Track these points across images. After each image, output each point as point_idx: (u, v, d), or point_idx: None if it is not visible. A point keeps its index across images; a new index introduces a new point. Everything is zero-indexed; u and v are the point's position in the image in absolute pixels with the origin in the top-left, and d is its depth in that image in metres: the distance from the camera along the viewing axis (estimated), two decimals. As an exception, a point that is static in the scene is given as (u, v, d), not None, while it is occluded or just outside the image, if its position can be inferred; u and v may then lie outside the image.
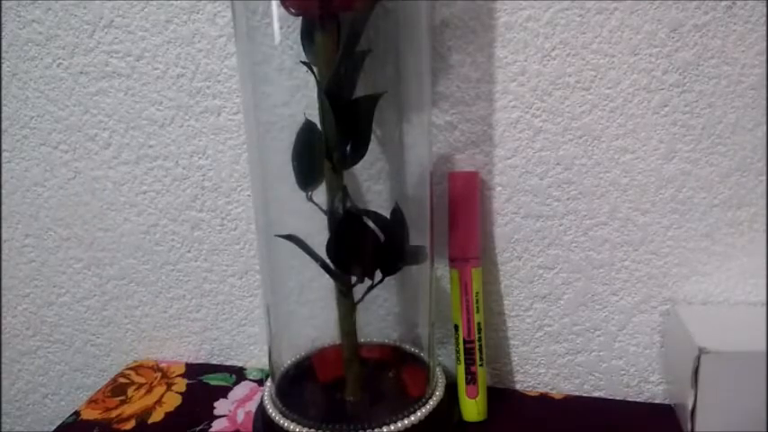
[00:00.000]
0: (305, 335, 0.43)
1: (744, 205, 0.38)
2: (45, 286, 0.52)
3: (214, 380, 0.48)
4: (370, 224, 0.34)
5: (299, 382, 0.41)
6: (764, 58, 0.35)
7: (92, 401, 0.46)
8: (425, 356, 0.41)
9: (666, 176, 0.38)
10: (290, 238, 0.36)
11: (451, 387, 0.41)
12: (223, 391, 0.46)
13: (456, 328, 0.40)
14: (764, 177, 0.37)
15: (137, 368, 0.50)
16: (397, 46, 0.35)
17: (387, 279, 0.35)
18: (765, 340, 0.35)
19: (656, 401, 0.43)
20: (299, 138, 0.35)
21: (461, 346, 0.40)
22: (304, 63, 0.34)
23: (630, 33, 0.36)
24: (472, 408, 0.40)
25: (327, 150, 0.33)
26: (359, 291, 0.36)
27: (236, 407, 0.44)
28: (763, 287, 0.39)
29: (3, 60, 0.46)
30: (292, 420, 0.36)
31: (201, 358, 0.51)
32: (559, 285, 0.42)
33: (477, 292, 0.40)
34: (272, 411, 0.37)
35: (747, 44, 0.35)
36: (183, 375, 0.49)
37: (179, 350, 0.51)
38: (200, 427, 0.42)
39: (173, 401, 0.45)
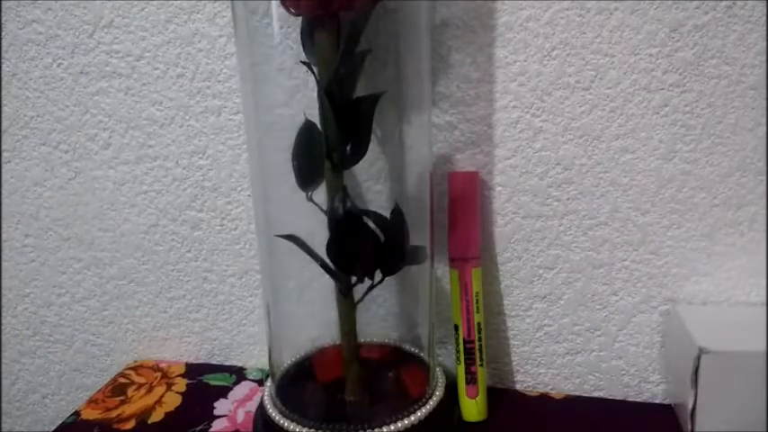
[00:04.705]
0: (305, 335, 0.43)
1: (744, 205, 0.38)
2: (45, 286, 0.52)
3: (214, 380, 0.48)
4: (370, 224, 0.34)
5: (299, 382, 0.41)
6: (764, 58, 0.35)
7: (92, 401, 0.46)
8: (425, 356, 0.41)
9: (666, 176, 0.38)
10: (290, 238, 0.36)
11: (451, 387, 0.41)
12: (223, 391, 0.46)
13: (456, 328, 0.40)
14: (764, 177, 0.37)
15: (137, 368, 0.50)
16: (397, 46, 0.35)
17: (387, 279, 0.35)
18: (765, 340, 0.35)
19: (656, 401, 0.43)
20: (299, 138, 0.35)
21: (461, 346, 0.40)
22: (304, 63, 0.34)
23: (630, 33, 0.36)
24: (472, 408, 0.40)
25: (327, 150, 0.33)
26: (359, 291, 0.36)
27: (236, 407, 0.44)
28: (763, 287, 0.39)
29: (3, 60, 0.46)
30: (292, 420, 0.36)
31: (201, 358, 0.51)
32: (559, 285, 0.42)
33: (477, 292, 0.40)
34: (272, 411, 0.37)
35: (747, 44, 0.35)
36: (183, 375, 0.49)
37: (179, 350, 0.51)
38: (200, 427, 0.42)
39: (173, 401, 0.45)
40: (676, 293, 0.40)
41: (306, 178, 0.36)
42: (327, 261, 0.34)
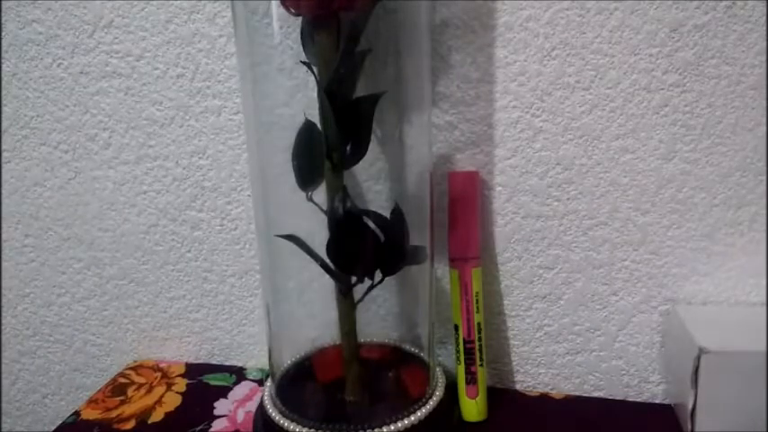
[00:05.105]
0: (305, 335, 0.43)
1: (744, 205, 0.38)
2: (45, 286, 0.52)
3: (214, 380, 0.48)
4: (370, 224, 0.34)
5: (299, 382, 0.41)
6: (764, 58, 0.35)
7: (92, 401, 0.46)
8: (425, 356, 0.41)
9: (666, 176, 0.38)
10: (290, 238, 0.36)
11: (451, 387, 0.41)
12: (223, 391, 0.46)
13: (456, 328, 0.40)
14: (764, 177, 0.37)
15: (137, 368, 0.50)
16: (397, 46, 0.35)
17: (387, 279, 0.35)
18: (765, 340, 0.35)
19: (656, 401, 0.43)
20: (299, 138, 0.35)
21: (461, 346, 0.40)
22: (304, 63, 0.34)
23: (630, 33, 0.36)
24: (472, 408, 0.40)
25: (327, 150, 0.33)
26: (359, 291, 0.36)
27: (236, 407, 0.44)
28: (763, 287, 0.39)
29: (3, 60, 0.46)
30: (292, 420, 0.36)
31: (201, 358, 0.51)
32: (559, 285, 0.42)
33: (477, 292, 0.40)
34: (272, 411, 0.37)
35: (747, 44, 0.35)
36: (183, 375, 0.49)
37: (179, 350, 0.51)
38: (200, 427, 0.42)
39: (173, 401, 0.45)
40: (676, 293, 0.40)
41: (306, 178, 0.36)
42: (327, 261, 0.34)
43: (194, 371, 0.49)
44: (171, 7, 0.42)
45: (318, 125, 0.34)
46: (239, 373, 0.49)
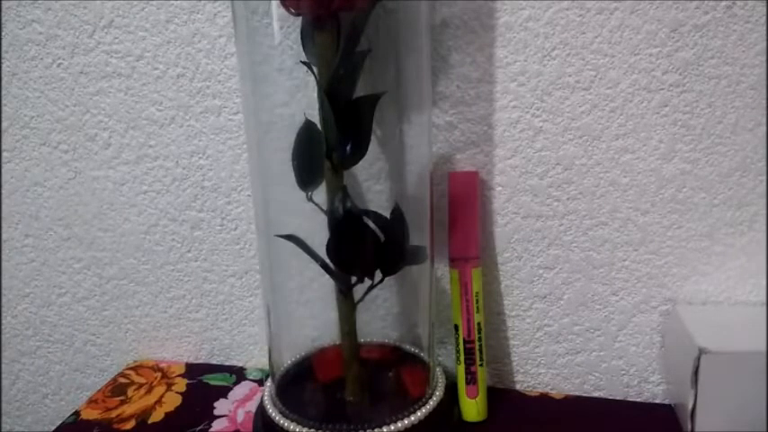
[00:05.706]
0: (305, 335, 0.43)
1: (744, 205, 0.38)
2: (45, 286, 0.52)
3: (214, 380, 0.48)
4: (371, 224, 0.34)
5: (299, 382, 0.41)
6: (764, 58, 0.35)
7: (92, 401, 0.46)
8: (425, 356, 0.41)
9: (666, 176, 0.38)
10: (290, 238, 0.36)
11: (451, 387, 0.41)
12: (223, 391, 0.46)
13: (456, 328, 0.40)
14: (764, 177, 0.37)
15: (137, 368, 0.50)
16: (397, 46, 0.35)
17: (387, 279, 0.35)
18: (765, 340, 0.35)
19: (656, 401, 0.43)
20: (299, 138, 0.35)
21: (461, 346, 0.40)
22: (304, 63, 0.34)
23: (630, 33, 0.36)
24: (472, 408, 0.40)
25: (327, 150, 0.33)
26: (359, 291, 0.36)
27: (236, 407, 0.44)
28: (763, 287, 0.39)
29: (3, 60, 0.46)
30: (292, 420, 0.36)
31: (201, 358, 0.51)
32: (559, 285, 0.42)
33: (477, 292, 0.40)
34: (272, 411, 0.37)
35: (747, 44, 0.35)
36: (183, 375, 0.49)
37: (179, 350, 0.51)
38: (200, 427, 0.42)
39: (173, 401, 0.45)
40: (676, 293, 0.40)
41: (306, 178, 0.36)
42: (327, 261, 0.34)
43: (194, 371, 0.49)
44: (171, 7, 0.42)
45: (318, 125, 0.34)
46: (239, 373, 0.49)
